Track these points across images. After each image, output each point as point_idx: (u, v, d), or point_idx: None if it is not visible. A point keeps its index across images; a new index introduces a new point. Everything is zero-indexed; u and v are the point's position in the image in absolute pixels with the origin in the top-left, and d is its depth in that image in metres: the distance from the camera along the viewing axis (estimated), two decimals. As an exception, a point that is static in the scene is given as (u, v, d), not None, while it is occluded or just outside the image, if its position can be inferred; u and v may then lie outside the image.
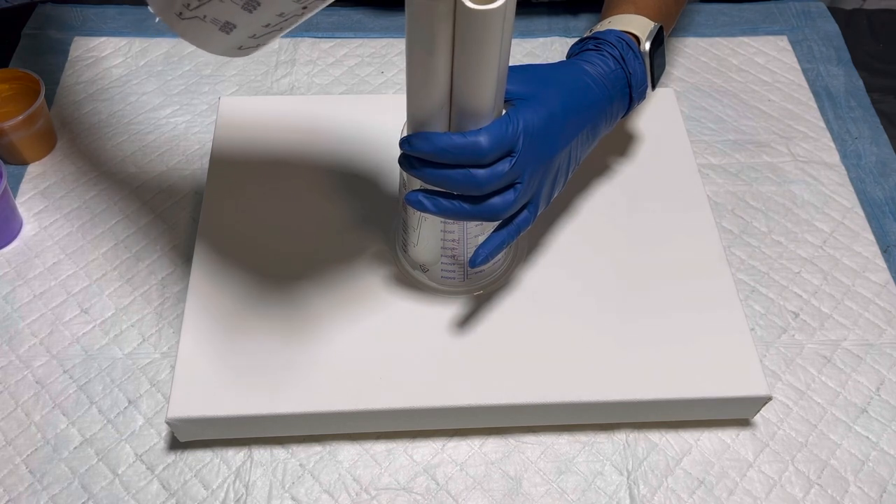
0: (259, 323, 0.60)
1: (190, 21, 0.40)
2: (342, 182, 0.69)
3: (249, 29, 0.40)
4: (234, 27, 0.40)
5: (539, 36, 0.90)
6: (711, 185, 0.76)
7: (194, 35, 0.41)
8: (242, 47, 0.42)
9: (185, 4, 0.39)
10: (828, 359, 0.65)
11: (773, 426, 0.62)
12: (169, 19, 0.40)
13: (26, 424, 0.60)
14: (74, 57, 0.86)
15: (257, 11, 0.38)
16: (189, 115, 0.81)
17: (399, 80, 0.85)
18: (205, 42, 0.41)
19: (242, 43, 0.41)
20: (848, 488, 0.59)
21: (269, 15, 0.39)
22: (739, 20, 0.93)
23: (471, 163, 0.48)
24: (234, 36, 0.40)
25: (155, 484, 0.58)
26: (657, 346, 0.59)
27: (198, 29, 0.40)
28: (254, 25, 0.39)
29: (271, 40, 0.42)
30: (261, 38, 0.41)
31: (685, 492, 0.58)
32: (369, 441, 0.60)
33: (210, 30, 0.40)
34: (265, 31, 0.40)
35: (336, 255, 0.64)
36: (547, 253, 0.65)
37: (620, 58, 0.58)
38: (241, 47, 0.42)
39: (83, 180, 0.75)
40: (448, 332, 0.60)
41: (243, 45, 0.42)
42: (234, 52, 0.42)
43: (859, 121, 0.83)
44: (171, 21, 0.40)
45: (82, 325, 0.65)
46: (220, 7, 0.38)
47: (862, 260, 0.71)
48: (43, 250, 0.70)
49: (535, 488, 0.58)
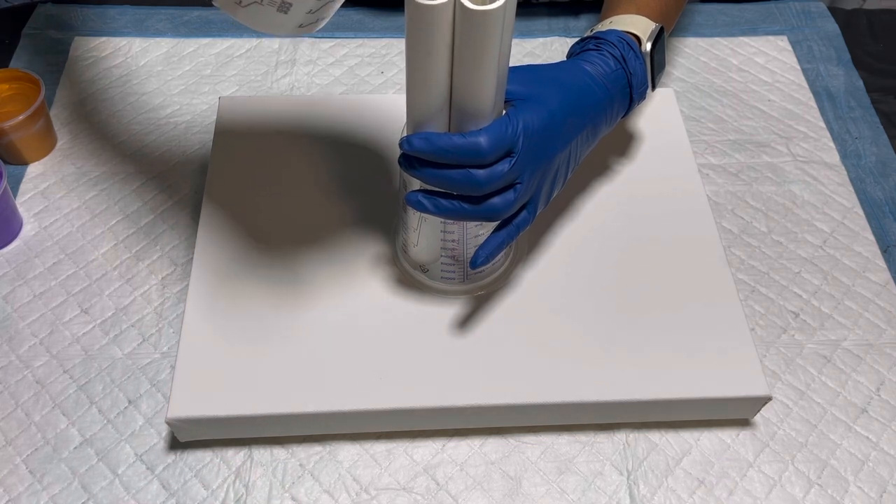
0: (259, 323, 0.60)
1: (248, 7, 0.42)
2: (342, 182, 0.69)
3: (306, 4, 0.42)
4: (290, 6, 0.42)
5: (539, 36, 0.90)
6: (711, 185, 0.76)
7: (255, 20, 0.43)
8: (303, 25, 0.44)
9: None
10: (828, 359, 0.65)
11: (773, 426, 0.62)
12: (230, 9, 0.42)
13: (26, 424, 0.60)
14: (74, 57, 0.86)
15: None
16: (189, 115, 0.81)
17: (399, 80, 0.85)
18: (267, 25, 0.43)
19: (302, 21, 0.43)
20: (848, 488, 0.59)
21: None
22: (739, 20, 0.93)
23: (471, 163, 0.48)
24: (293, 14, 0.43)
25: (155, 484, 0.58)
26: (657, 345, 0.59)
27: (258, 14, 0.42)
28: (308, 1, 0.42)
29: (329, 13, 0.44)
30: (318, 13, 0.43)
31: (685, 492, 0.58)
32: (369, 441, 0.60)
33: (269, 13, 0.42)
34: (320, 5, 0.43)
35: (336, 256, 0.64)
36: (547, 253, 0.65)
37: (621, 58, 0.58)
38: (301, 25, 0.44)
39: (83, 180, 0.75)
40: (448, 332, 0.60)
41: (303, 23, 0.44)
42: (297, 31, 0.44)
43: (859, 121, 0.83)
44: (232, 10, 0.42)
45: (82, 325, 0.65)
46: None
47: (862, 260, 0.71)
48: (43, 250, 0.70)
49: (535, 488, 0.58)
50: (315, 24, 0.44)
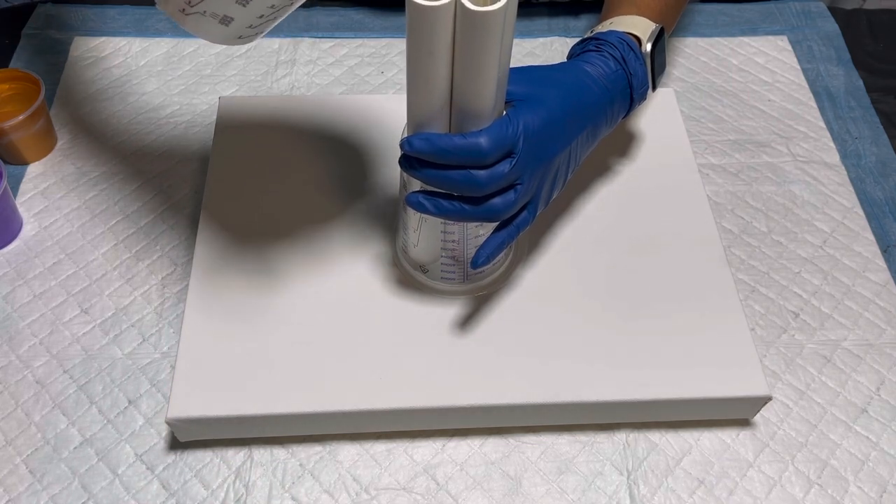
0: (259, 323, 0.60)
1: (192, 16, 0.44)
2: (342, 182, 0.69)
3: (246, 20, 0.45)
4: (231, 20, 0.44)
5: (539, 36, 0.90)
6: (711, 185, 0.76)
7: (197, 28, 0.45)
8: (242, 37, 0.47)
9: (188, 2, 0.43)
10: (828, 359, 0.65)
11: (773, 426, 0.62)
12: (175, 15, 0.45)
13: (26, 424, 0.60)
14: (74, 57, 0.86)
15: (250, 5, 0.43)
16: (189, 115, 0.81)
17: (399, 80, 0.85)
18: (207, 34, 0.46)
19: (242, 33, 0.46)
20: (848, 488, 0.59)
21: (261, 7, 0.44)
22: (739, 20, 0.93)
23: (471, 164, 0.48)
24: (234, 27, 0.45)
25: (155, 484, 0.58)
26: (657, 345, 0.59)
27: (200, 23, 0.45)
28: (249, 17, 0.44)
29: (268, 29, 0.47)
30: (258, 28, 0.46)
31: (685, 492, 0.58)
32: (369, 441, 0.60)
33: (211, 23, 0.45)
34: (261, 22, 0.45)
35: (336, 256, 0.64)
36: (547, 253, 0.65)
37: (621, 59, 0.58)
38: (240, 37, 0.47)
39: (83, 180, 0.75)
40: (448, 332, 0.60)
41: (243, 35, 0.47)
42: (235, 41, 0.47)
43: (859, 121, 0.83)
44: (176, 17, 0.45)
45: (82, 325, 0.65)
46: (217, 3, 0.43)
47: (862, 260, 0.71)
48: (43, 250, 0.70)
49: (535, 488, 0.58)
50: (253, 38, 0.47)
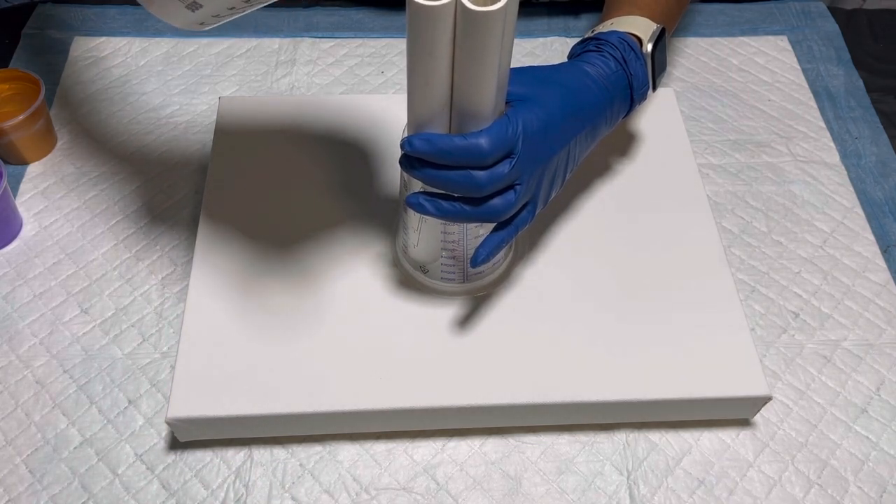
0: (259, 323, 0.60)
1: None
2: (342, 182, 0.69)
3: (213, 9, 0.44)
4: (200, 7, 0.44)
5: (539, 36, 0.90)
6: (711, 185, 0.76)
7: (162, 10, 0.45)
8: (205, 24, 0.47)
9: None
10: (828, 359, 0.65)
11: (773, 426, 0.62)
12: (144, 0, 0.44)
13: (26, 424, 0.60)
14: (74, 57, 0.86)
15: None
16: (189, 115, 0.81)
17: (399, 80, 0.85)
18: (170, 16, 0.45)
19: (205, 20, 0.46)
20: (848, 488, 0.59)
21: None
22: (739, 20, 0.93)
23: (471, 164, 0.48)
24: (200, 14, 0.45)
25: (155, 484, 0.58)
26: (657, 345, 0.59)
27: (165, 4, 0.44)
28: (219, 6, 0.44)
29: (230, 19, 0.47)
30: (223, 18, 0.46)
31: (685, 492, 0.58)
32: (369, 441, 0.60)
33: (178, 7, 0.44)
34: (230, 13, 0.45)
35: (336, 256, 0.64)
36: (547, 252, 0.65)
37: (622, 59, 0.58)
38: (202, 23, 0.47)
39: (83, 180, 0.75)
40: (448, 332, 0.60)
41: (206, 22, 0.46)
42: (196, 27, 0.47)
43: (859, 121, 0.83)
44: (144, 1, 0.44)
45: (82, 325, 0.65)
46: None
47: (862, 260, 0.71)
48: (43, 250, 0.70)
49: (535, 488, 0.58)
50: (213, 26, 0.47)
